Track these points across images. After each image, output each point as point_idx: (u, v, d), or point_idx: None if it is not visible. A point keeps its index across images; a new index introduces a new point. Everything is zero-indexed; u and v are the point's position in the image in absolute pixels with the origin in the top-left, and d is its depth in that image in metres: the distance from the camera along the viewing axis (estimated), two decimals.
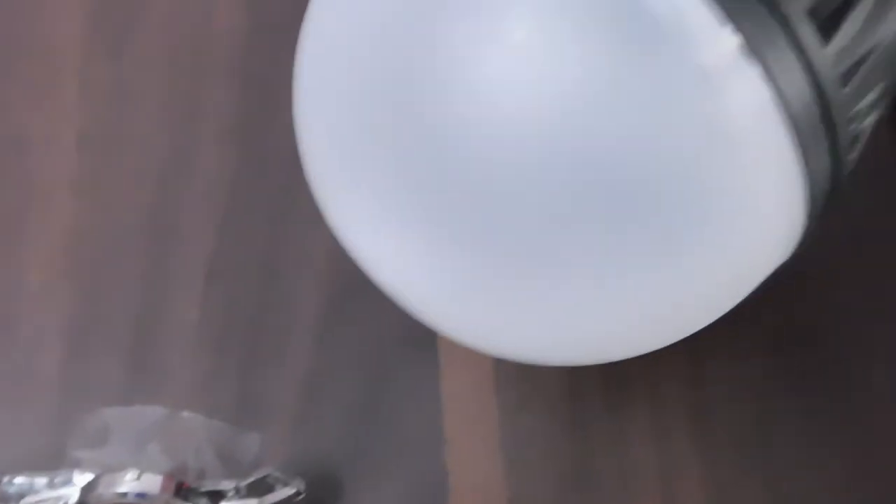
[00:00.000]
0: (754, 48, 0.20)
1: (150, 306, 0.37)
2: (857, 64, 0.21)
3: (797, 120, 0.20)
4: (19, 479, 0.32)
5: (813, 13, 0.21)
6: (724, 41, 0.20)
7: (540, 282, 0.22)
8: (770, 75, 0.20)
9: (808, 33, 0.20)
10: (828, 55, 0.21)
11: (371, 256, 0.26)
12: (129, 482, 0.31)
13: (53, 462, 0.33)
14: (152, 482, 0.32)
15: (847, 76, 0.21)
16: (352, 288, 0.37)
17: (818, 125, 0.21)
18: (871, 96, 0.22)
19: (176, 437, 0.34)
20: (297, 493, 0.33)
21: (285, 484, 0.33)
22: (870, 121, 0.23)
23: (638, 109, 0.20)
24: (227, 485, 0.32)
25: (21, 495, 0.32)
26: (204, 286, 0.38)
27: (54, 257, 0.38)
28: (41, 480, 0.32)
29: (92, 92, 0.40)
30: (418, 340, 0.36)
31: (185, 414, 0.35)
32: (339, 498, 0.35)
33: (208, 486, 0.32)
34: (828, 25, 0.21)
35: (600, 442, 0.36)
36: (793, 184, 0.21)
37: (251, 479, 0.33)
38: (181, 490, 0.32)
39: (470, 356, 0.36)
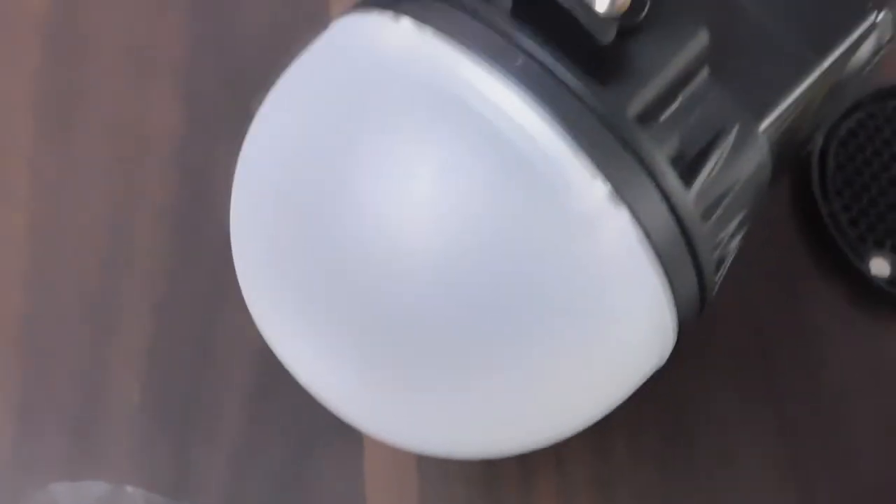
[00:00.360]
0: (622, 194, 0.22)
1: (93, 387, 0.39)
2: (718, 200, 0.24)
3: (664, 254, 0.23)
4: None
5: (675, 161, 0.23)
6: (595, 190, 0.22)
7: (433, 390, 0.25)
8: (637, 217, 0.23)
9: (671, 179, 0.23)
10: (689, 196, 0.23)
11: (287, 358, 0.28)
12: None
13: None
14: None
15: (708, 212, 0.24)
16: (281, 369, 0.40)
17: (684, 256, 0.24)
18: (733, 224, 0.25)
19: None
20: None
21: None
22: (735, 242, 0.26)
23: (521, 248, 0.22)
24: None
25: None
26: (144, 367, 0.39)
27: (4, 345, 0.39)
28: None
29: (39, 183, 0.42)
30: (342, 420, 0.38)
31: (128, 488, 0.37)
32: None
33: None
34: (689, 171, 0.24)
35: None
36: (662, 307, 0.24)
37: None
38: None
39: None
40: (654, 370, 0.27)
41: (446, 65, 0.23)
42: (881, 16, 0.28)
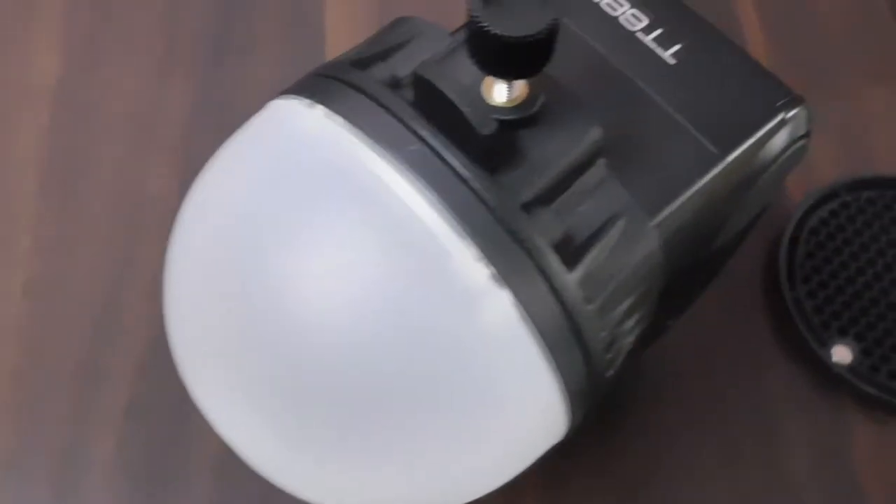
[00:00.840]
0: (504, 276, 0.24)
1: (74, 441, 0.41)
2: (603, 284, 0.25)
3: (545, 332, 0.24)
4: None
5: (560, 247, 0.24)
6: (477, 272, 0.24)
7: (347, 454, 0.26)
8: (518, 298, 0.24)
9: (553, 263, 0.24)
10: (572, 279, 0.24)
11: (222, 428, 0.29)
12: None
13: None
14: None
15: (593, 295, 0.25)
16: None
17: (567, 335, 0.24)
18: (622, 306, 0.26)
19: None
20: None
21: None
22: (631, 323, 0.27)
23: (409, 324, 0.24)
24: None
25: None
26: (122, 425, 0.41)
27: None
28: None
29: (39, 241, 0.45)
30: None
31: None
32: None
33: None
34: (574, 256, 0.25)
35: None
36: (548, 385, 0.25)
37: None
38: None
39: None
40: (552, 444, 0.28)
41: (348, 150, 0.24)
42: (794, 112, 0.29)
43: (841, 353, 0.44)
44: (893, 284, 0.45)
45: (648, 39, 0.29)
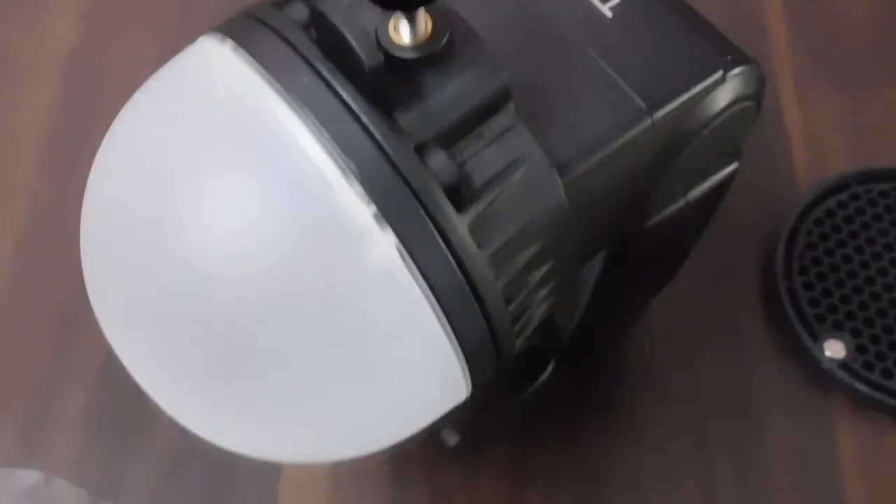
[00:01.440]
0: (388, 216, 0.23)
1: (47, 391, 0.41)
2: (499, 231, 0.24)
3: (431, 276, 0.23)
4: None
5: (453, 189, 0.23)
6: (361, 210, 0.23)
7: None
8: (402, 239, 0.23)
9: (442, 204, 0.23)
10: (462, 221, 0.23)
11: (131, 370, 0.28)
12: None
13: None
14: None
15: (486, 240, 0.24)
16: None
17: (455, 279, 0.23)
18: (522, 257, 0.25)
19: (47, 499, 0.38)
20: None
21: None
22: (535, 277, 0.25)
23: (295, 261, 0.23)
24: None
25: None
26: (95, 378, 0.41)
27: None
28: None
29: (33, 207, 0.45)
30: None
31: (57, 480, 0.39)
32: None
33: None
34: (468, 199, 0.24)
35: None
36: (437, 333, 0.24)
37: None
38: None
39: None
40: (454, 402, 0.27)
41: (244, 84, 0.24)
42: (737, 70, 0.27)
43: (834, 349, 0.41)
44: None
45: None
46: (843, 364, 0.41)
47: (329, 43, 0.24)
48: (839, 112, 0.47)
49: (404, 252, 0.23)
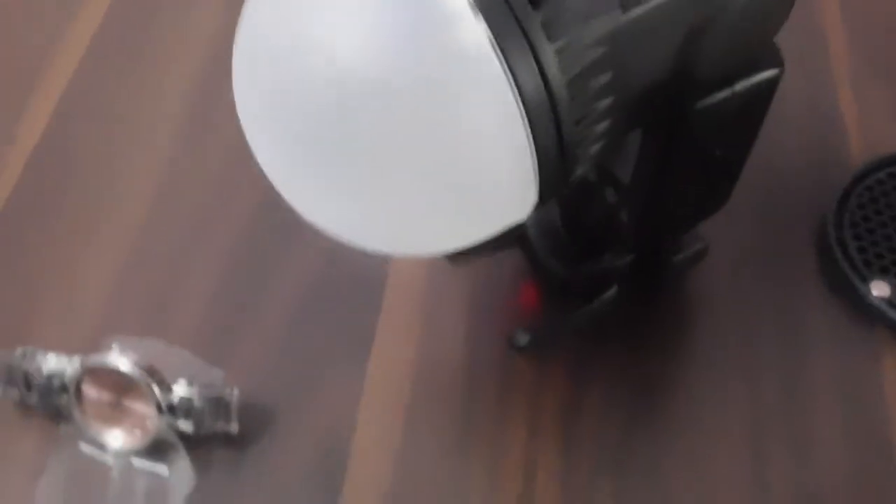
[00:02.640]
0: (481, 8, 0.29)
1: (180, 277, 0.47)
2: (565, 28, 0.30)
3: (513, 62, 0.29)
4: (21, 352, 0.42)
5: (545, 25, 0.29)
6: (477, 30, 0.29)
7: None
8: (490, 25, 0.29)
9: (539, 35, 0.29)
10: (537, 16, 0.29)
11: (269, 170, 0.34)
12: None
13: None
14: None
15: (554, 35, 0.29)
16: (321, 285, 0.47)
17: (534, 69, 0.29)
18: (585, 62, 0.30)
19: (169, 361, 0.43)
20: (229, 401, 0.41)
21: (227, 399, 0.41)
22: (603, 105, 0.31)
23: (403, 46, 0.29)
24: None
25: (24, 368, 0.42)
26: (224, 266, 0.48)
27: (124, 244, 0.49)
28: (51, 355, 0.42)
29: (172, 170, 0.53)
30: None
31: (177, 348, 0.44)
32: (270, 423, 0.43)
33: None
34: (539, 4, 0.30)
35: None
36: (511, 102, 0.29)
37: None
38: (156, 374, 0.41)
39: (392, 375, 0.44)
40: (520, 213, 0.32)
41: None
42: None
43: (880, 288, 0.45)
44: None
45: None
46: (888, 301, 0.44)
47: None
48: (892, 104, 0.52)
49: (491, 37, 0.29)
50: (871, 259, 0.46)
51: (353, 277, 0.46)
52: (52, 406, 0.42)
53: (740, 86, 0.36)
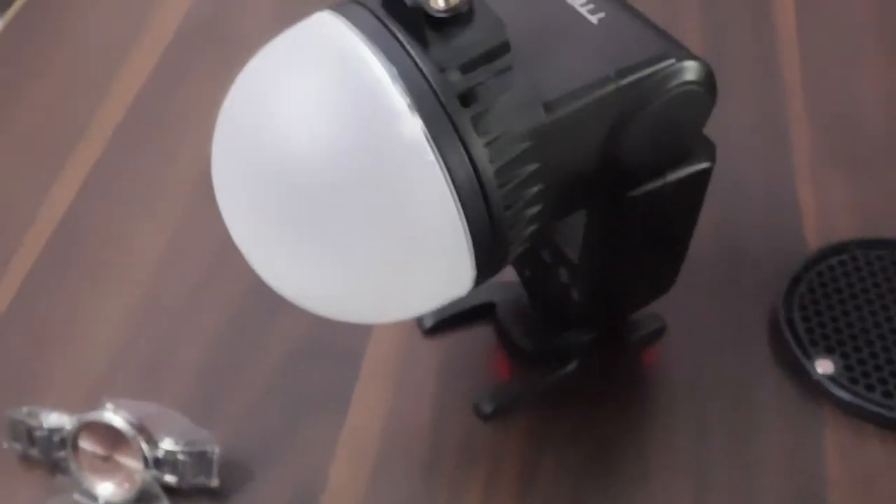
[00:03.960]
0: (418, 106, 0.32)
1: (169, 346, 0.51)
2: (492, 125, 0.33)
3: (445, 152, 0.33)
4: (27, 410, 0.46)
5: (462, 96, 0.33)
6: (400, 102, 0.32)
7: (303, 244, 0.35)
8: (426, 121, 0.32)
9: (453, 102, 0.33)
10: (466, 113, 0.33)
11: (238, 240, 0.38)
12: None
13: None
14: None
15: (484, 130, 0.33)
16: (304, 351, 0.50)
17: (462, 156, 0.33)
18: (512, 153, 0.34)
19: (160, 421, 0.47)
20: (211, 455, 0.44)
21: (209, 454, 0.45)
22: (529, 186, 0.35)
23: (355, 137, 0.33)
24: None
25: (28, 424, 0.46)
26: (209, 339, 0.52)
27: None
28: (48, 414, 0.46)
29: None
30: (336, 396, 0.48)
31: (168, 409, 0.48)
32: (248, 479, 0.46)
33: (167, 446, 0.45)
34: (471, 99, 0.33)
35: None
36: (447, 193, 0.33)
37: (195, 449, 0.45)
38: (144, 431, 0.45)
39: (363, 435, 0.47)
40: (459, 287, 0.36)
41: (339, 37, 0.35)
42: (684, 63, 0.37)
43: (825, 366, 0.47)
44: (885, 319, 0.49)
45: (581, 8, 0.38)
46: (831, 378, 0.47)
47: (396, 9, 0.35)
48: (848, 194, 0.56)
49: (426, 131, 0.33)
50: (818, 339, 0.48)
51: (335, 344, 0.50)
52: (51, 459, 0.46)
53: (672, 176, 0.40)
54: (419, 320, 0.51)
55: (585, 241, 0.42)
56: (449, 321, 0.51)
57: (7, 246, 0.56)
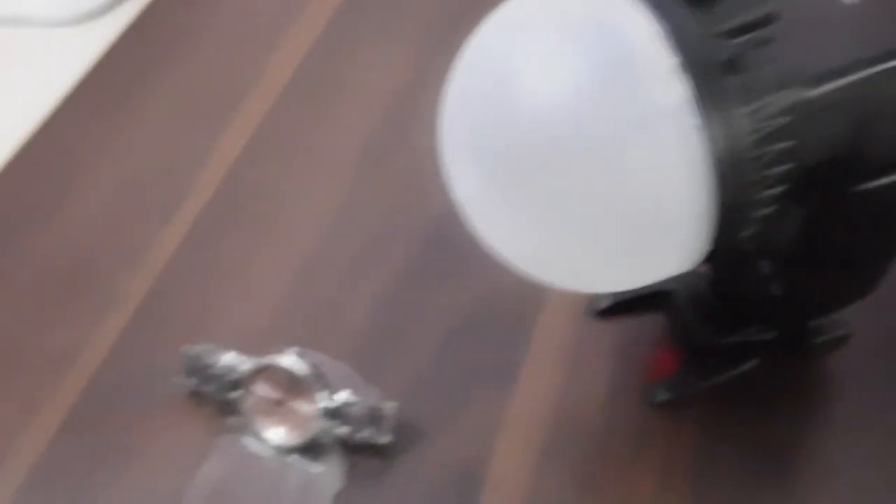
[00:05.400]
0: (685, 66, 0.31)
1: (337, 306, 0.51)
2: (757, 94, 0.32)
3: (705, 111, 0.31)
4: (201, 347, 0.45)
5: (726, 63, 0.32)
6: (670, 61, 0.32)
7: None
8: (695, 85, 0.31)
9: (718, 68, 0.32)
10: (732, 82, 0.32)
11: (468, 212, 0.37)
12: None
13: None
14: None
15: (748, 100, 0.32)
16: (475, 316, 0.49)
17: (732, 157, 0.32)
18: (770, 125, 0.33)
19: (329, 374, 0.46)
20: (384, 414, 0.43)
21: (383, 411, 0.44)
22: (773, 169, 0.33)
23: (618, 122, 0.32)
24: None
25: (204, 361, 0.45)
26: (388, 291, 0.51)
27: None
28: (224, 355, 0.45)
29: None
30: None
31: (337, 363, 0.47)
32: (415, 441, 0.45)
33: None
34: (739, 68, 0.32)
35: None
36: (703, 189, 0.32)
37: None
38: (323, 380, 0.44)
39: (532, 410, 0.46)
40: (689, 258, 0.35)
41: None
42: None
43: None
44: None
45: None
46: None
47: None
48: None
49: (695, 94, 0.32)
50: None
51: (504, 316, 0.49)
52: (223, 398, 0.45)
53: None
54: (593, 301, 0.50)
55: (803, 232, 0.40)
56: (623, 305, 0.49)
57: (178, 190, 0.56)
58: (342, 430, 0.43)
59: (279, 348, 0.45)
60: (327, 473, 0.43)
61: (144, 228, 0.54)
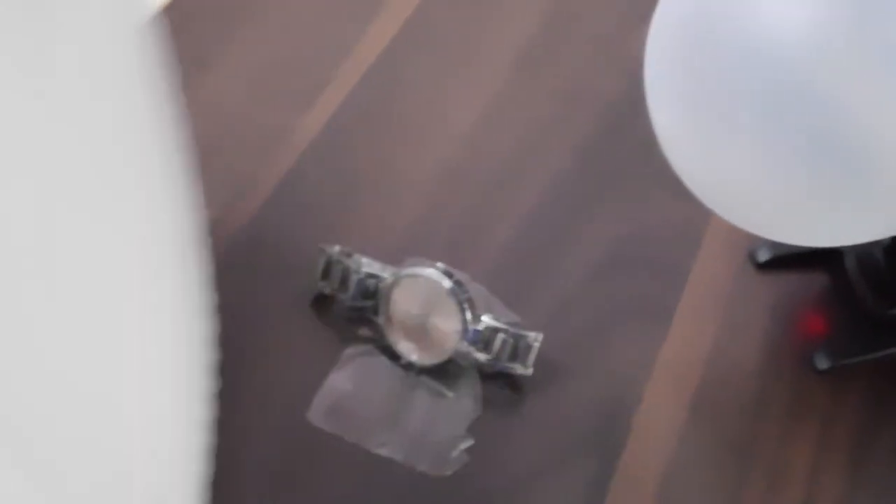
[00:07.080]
0: None
1: (486, 215, 0.47)
2: None
3: None
4: (340, 249, 0.42)
5: None
6: None
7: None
8: None
9: None
10: None
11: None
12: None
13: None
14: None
15: None
16: (626, 253, 0.45)
17: None
18: None
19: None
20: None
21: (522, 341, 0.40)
22: None
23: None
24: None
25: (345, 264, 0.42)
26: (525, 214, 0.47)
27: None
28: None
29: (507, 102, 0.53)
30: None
31: (477, 285, 0.44)
32: (557, 377, 0.41)
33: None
34: None
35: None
36: None
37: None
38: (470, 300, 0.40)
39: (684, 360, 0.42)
40: None
41: None
42: None
43: None
44: None
45: None
46: None
47: None
48: None
49: None
50: None
51: (658, 255, 0.45)
52: (359, 306, 0.42)
53: None
54: (753, 252, 0.45)
55: None
56: (785, 259, 0.45)
57: (322, 76, 0.52)
58: (482, 356, 0.40)
59: (420, 261, 0.41)
60: (463, 400, 0.40)
61: (284, 113, 0.50)
